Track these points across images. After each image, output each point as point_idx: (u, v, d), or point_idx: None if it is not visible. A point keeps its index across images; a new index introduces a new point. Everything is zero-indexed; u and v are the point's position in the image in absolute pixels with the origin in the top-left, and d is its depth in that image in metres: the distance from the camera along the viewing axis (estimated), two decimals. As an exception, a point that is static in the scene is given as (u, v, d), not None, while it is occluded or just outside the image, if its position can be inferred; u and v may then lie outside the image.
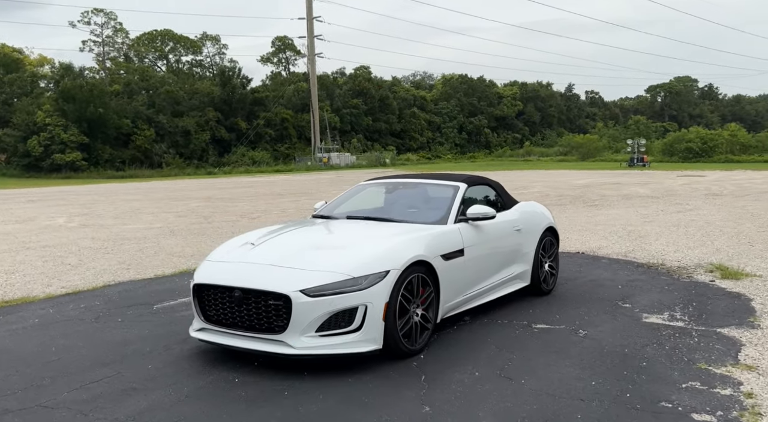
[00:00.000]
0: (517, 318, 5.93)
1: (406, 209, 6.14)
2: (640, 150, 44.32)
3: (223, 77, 63.69)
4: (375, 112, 68.43)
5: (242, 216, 16.77)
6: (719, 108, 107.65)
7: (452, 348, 5.08)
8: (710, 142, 50.87)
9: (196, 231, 13.43)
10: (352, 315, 4.52)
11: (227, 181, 37.62)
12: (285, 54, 73.17)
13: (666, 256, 9.34)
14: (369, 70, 71.53)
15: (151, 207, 20.30)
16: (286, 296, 4.47)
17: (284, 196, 24.19)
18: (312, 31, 54.79)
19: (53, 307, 6.76)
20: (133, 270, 8.94)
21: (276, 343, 4.54)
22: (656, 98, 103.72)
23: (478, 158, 64.75)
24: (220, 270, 4.95)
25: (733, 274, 7.68)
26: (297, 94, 64.84)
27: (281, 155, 60.28)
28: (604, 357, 4.76)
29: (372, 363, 4.69)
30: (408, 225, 5.60)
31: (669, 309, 6.18)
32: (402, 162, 55.46)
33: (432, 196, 6.25)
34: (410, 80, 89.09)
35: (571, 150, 57.60)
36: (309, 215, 16.70)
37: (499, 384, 4.25)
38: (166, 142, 58.70)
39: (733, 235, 11.37)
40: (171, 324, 6.01)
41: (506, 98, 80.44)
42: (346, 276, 4.55)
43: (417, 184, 6.58)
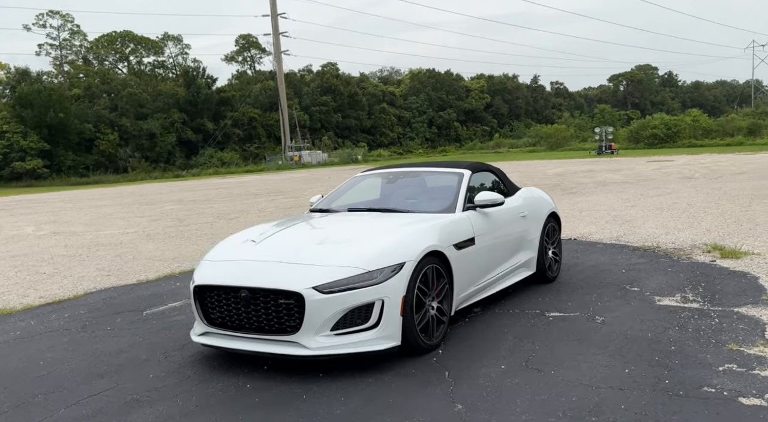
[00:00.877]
0: (528, 307, 5.74)
1: (411, 199, 5.89)
2: (607, 138, 44.80)
3: (187, 77, 62.54)
4: (344, 109, 67.95)
5: (219, 217, 16.33)
6: (679, 94, 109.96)
7: (469, 341, 4.85)
8: (674, 128, 51.75)
9: (174, 235, 12.97)
10: (368, 312, 4.25)
11: (197, 183, 36.86)
12: (250, 52, 72.11)
13: (659, 239, 9.27)
14: (336, 67, 71.03)
15: (123, 212, 19.66)
16: (298, 294, 4.18)
17: (259, 195, 23.71)
18: (277, 29, 54.06)
19: (34, 319, 6.33)
20: (114, 277, 8.51)
21: (289, 345, 4.24)
22: (619, 87, 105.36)
23: (449, 152, 64.80)
24: (224, 270, 4.62)
25: (733, 253, 7.62)
26: (264, 93, 64.02)
27: (251, 155, 59.47)
28: (628, 343, 4.59)
29: (389, 360, 4.44)
30: (415, 215, 5.35)
31: (679, 291, 6.05)
32: (374, 158, 55.12)
33: (436, 184, 6.01)
34: (378, 76, 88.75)
35: (539, 140, 58.01)
36: (288, 214, 16.29)
37: (529, 376, 4.04)
38: (131, 145, 57.42)
39: (718, 216, 11.39)
40: (165, 330, 5.66)
41: (474, 91, 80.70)
42: (360, 270, 4.28)
43: (419, 173, 6.33)
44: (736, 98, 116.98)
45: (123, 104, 57.87)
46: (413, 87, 77.59)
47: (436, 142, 74.65)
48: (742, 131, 53.17)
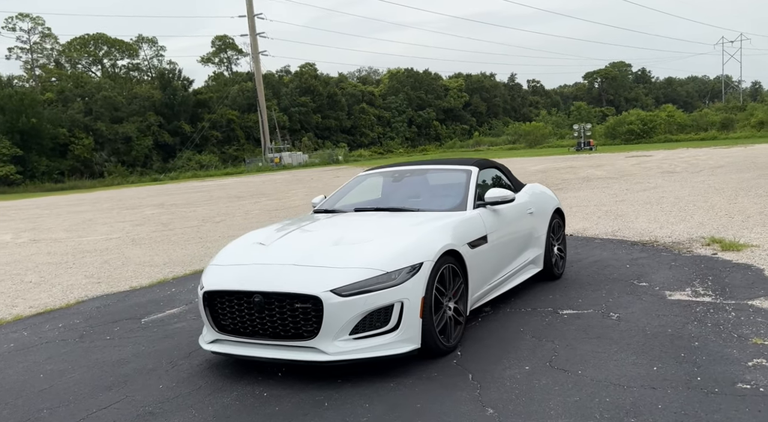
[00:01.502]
0: (540, 306, 5.65)
1: (419, 197, 5.76)
2: (586, 134, 45.23)
3: (163, 80, 61.70)
4: (324, 110, 67.62)
5: (204, 220, 16.04)
6: (653, 90, 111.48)
7: (486, 342, 4.74)
8: (650, 124, 52.42)
9: (160, 239, 12.69)
10: (387, 314, 4.11)
11: (176, 187, 36.33)
12: (226, 53, 71.44)
13: (654, 233, 9.27)
14: (315, 68, 70.68)
15: (103, 217, 19.25)
16: (316, 297, 4.02)
17: (243, 198, 23.40)
18: (254, 29, 53.55)
19: (26, 329, 6.08)
20: (104, 284, 8.25)
21: (307, 350, 4.08)
22: (593, 84, 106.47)
23: (430, 151, 64.87)
24: (235, 275, 4.44)
25: (733, 246, 7.62)
26: (242, 94, 63.42)
27: (230, 157, 58.86)
28: (650, 339, 4.51)
29: (407, 364, 4.31)
30: (426, 213, 5.22)
31: (688, 285, 6.02)
32: (355, 158, 54.86)
33: (443, 182, 5.89)
34: (356, 76, 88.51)
35: (518, 138, 58.34)
36: (274, 216, 15.99)
37: (556, 377, 3.93)
38: (107, 149, 56.48)
39: (708, 209, 11.45)
40: (167, 338, 5.46)
41: (452, 90, 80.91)
42: (378, 272, 4.13)
43: (425, 171, 6.20)
44: (707, 93, 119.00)
45: (98, 108, 56.87)
46: (392, 86, 77.56)
47: (416, 141, 74.72)
48: (716, 126, 54.11)
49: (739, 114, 61.66)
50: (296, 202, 19.36)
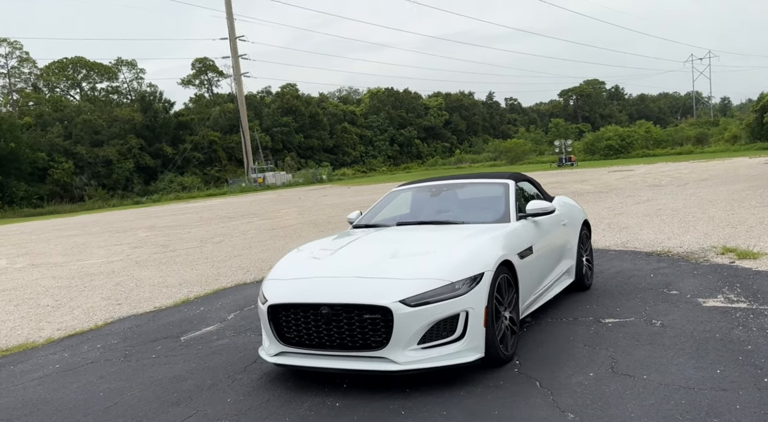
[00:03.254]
0: (580, 315, 5.76)
1: (460, 210, 5.87)
2: (567, 150, 46.03)
3: (143, 102, 61.40)
4: (306, 129, 67.79)
5: (203, 241, 15.95)
6: (626, 107, 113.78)
7: (540, 351, 4.83)
8: (628, 139, 53.55)
9: (165, 261, 12.60)
10: (453, 324, 4.19)
11: (161, 209, 36.00)
12: (207, 75, 71.37)
13: (664, 244, 9.49)
14: (296, 88, 70.95)
15: (96, 240, 19.03)
16: (386, 308, 4.09)
17: (233, 218, 23.30)
18: (236, 51, 53.72)
19: (65, 351, 6.03)
20: (126, 306, 8.19)
21: (377, 360, 4.14)
22: (569, 101, 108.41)
23: (413, 169, 65.36)
24: (299, 288, 4.49)
25: (748, 254, 7.84)
26: (224, 116, 63.35)
27: (212, 178, 58.59)
28: (702, 344, 4.64)
29: (468, 374, 4.38)
30: (473, 226, 5.33)
31: (718, 292, 6.18)
32: (338, 177, 55.01)
33: (482, 195, 6.01)
34: (337, 96, 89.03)
35: (500, 155, 59.12)
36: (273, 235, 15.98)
37: (624, 382, 4.04)
38: (87, 173, 55.84)
39: (708, 220, 11.73)
40: (215, 354, 5.46)
41: (432, 109, 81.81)
42: (444, 282, 4.22)
43: (463, 185, 6.33)
44: (679, 109, 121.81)
45: (77, 131, 56.33)
46: (373, 106, 78.16)
47: (399, 159, 75.21)
48: (691, 140, 55.46)
49: (712, 129, 63.31)
50: (290, 222, 19.34)
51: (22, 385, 5.05)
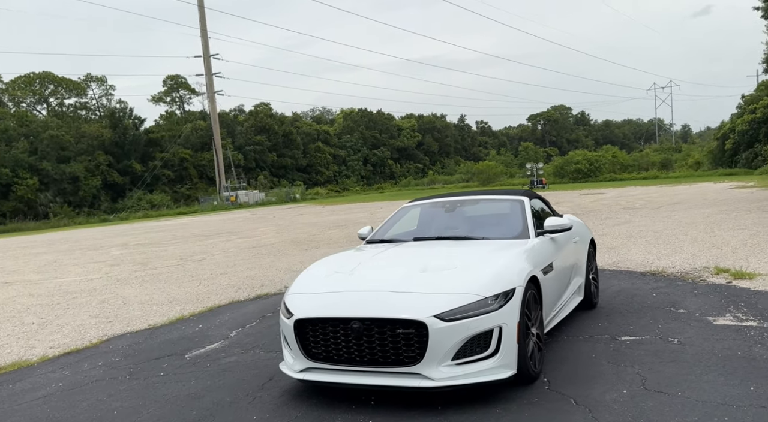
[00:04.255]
0: (594, 333, 5.76)
1: (478, 226, 5.84)
2: (538, 173, 46.75)
3: (113, 119, 60.41)
4: (279, 148, 67.49)
5: (183, 259, 15.61)
6: (592, 132, 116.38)
7: (565, 369, 4.79)
8: (596, 163, 54.67)
9: (148, 279, 12.27)
10: (487, 339, 4.13)
11: (130, 227, 35.21)
12: (178, 93, 70.68)
13: (656, 264, 9.60)
14: (270, 107, 70.70)
15: (68, 258, 18.49)
16: (420, 322, 4.01)
17: (210, 237, 22.90)
18: (210, 69, 53.38)
19: (64, 369, 5.77)
20: (118, 323, 7.91)
21: (410, 377, 4.04)
22: (537, 126, 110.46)
23: (386, 189, 65.54)
24: (327, 302, 4.38)
25: (743, 275, 7.97)
26: (195, 133, 62.69)
27: (182, 197, 57.69)
28: (726, 362, 4.67)
29: (499, 390, 4.31)
30: (494, 241, 5.31)
31: (725, 311, 6.25)
32: (312, 196, 54.72)
33: (497, 211, 6.00)
34: (310, 115, 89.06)
35: (472, 176, 59.71)
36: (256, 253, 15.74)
37: (660, 399, 4.02)
38: (52, 190, 54.45)
39: (692, 242, 11.94)
40: (226, 372, 5.29)
41: (405, 130, 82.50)
42: (477, 297, 4.16)
43: (477, 201, 6.31)
44: (642, 135, 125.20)
45: (43, 147, 54.98)
46: (347, 126, 78.42)
47: (372, 179, 75.39)
48: (656, 165, 56.91)
49: (675, 155, 65.14)
50: (270, 240, 19.08)
51: (27, 404, 4.80)
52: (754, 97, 52.05)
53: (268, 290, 9.51)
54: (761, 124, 48.44)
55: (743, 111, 51.56)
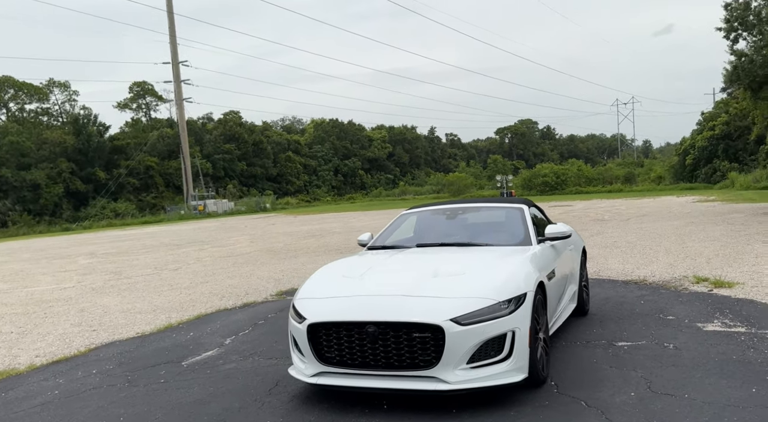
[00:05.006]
0: (591, 339, 5.87)
1: (480, 233, 5.92)
2: (508, 185, 47.46)
3: (76, 125, 59.06)
4: (249, 157, 66.90)
5: (157, 268, 15.34)
6: (557, 146, 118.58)
7: (570, 373, 4.88)
8: (562, 176, 55.82)
9: (125, 288, 12.02)
10: (501, 343, 4.19)
11: (95, 236, 34.43)
12: (145, 99, 69.53)
13: (636, 273, 9.83)
14: (239, 115, 70.09)
15: (35, 267, 17.99)
16: (437, 326, 4.04)
17: (181, 246, 22.54)
18: (179, 76, 52.76)
19: (57, 377, 5.63)
20: (103, 332, 7.74)
21: (426, 380, 4.07)
22: (504, 139, 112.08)
23: (357, 199, 65.54)
24: (341, 306, 4.38)
25: (724, 284, 8.21)
26: (162, 141, 61.72)
27: (148, 205, 56.61)
28: (724, 365, 4.81)
29: (509, 394, 4.36)
30: (498, 248, 5.38)
31: (712, 317, 6.44)
32: (282, 206, 54.32)
33: (499, 219, 6.09)
34: (280, 125, 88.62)
35: (442, 187, 60.28)
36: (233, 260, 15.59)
37: (668, 401, 4.12)
38: (11, 198, 52.85)
39: (666, 252, 12.26)
40: (229, 378, 5.23)
41: (376, 141, 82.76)
42: (492, 301, 4.22)
43: (478, 209, 6.39)
44: (605, 150, 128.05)
45: (2, 153, 53.35)
46: (317, 136, 78.26)
47: (343, 189, 75.28)
48: (620, 179, 58.28)
49: (637, 169, 66.85)
50: (246, 249, 18.89)
51: (24, 412, 4.67)
52: (713, 115, 53.89)
53: (254, 298, 9.42)
54: (720, 141, 50.16)
55: (703, 128, 53.29)
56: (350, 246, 17.58)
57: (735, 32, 21.94)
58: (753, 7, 21.42)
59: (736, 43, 21.94)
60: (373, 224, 27.35)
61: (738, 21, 21.72)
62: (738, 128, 49.19)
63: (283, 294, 9.70)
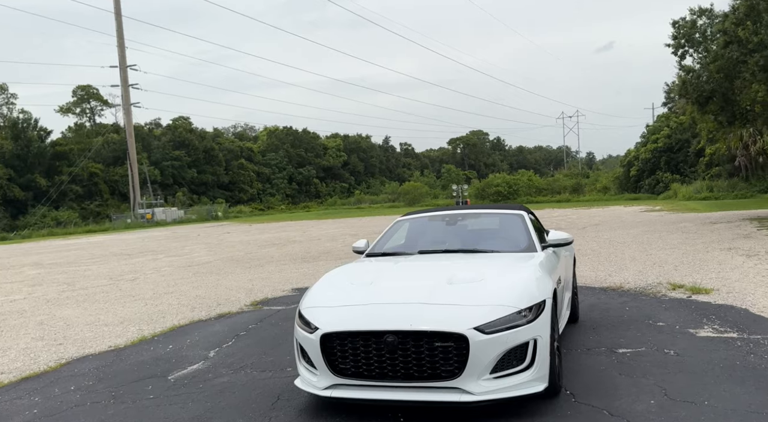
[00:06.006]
0: (590, 346, 5.82)
1: (482, 239, 5.80)
2: (463, 194, 47.96)
3: (15, 129, 56.40)
4: (200, 164, 65.31)
5: (114, 279, 14.67)
6: (507, 157, 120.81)
7: (581, 381, 4.79)
8: (514, 186, 56.93)
9: (83, 299, 11.40)
10: (523, 352, 4.06)
11: (37, 246, 32.86)
12: (89, 104, 67.11)
13: (610, 280, 9.92)
14: (190, 121, 68.45)
15: (-27, 278, 16.90)
16: (460, 335, 3.88)
17: (133, 256, 21.70)
18: (126, 80, 51.19)
19: (32, 395, 5.20)
20: (71, 346, 7.25)
21: (449, 391, 3.90)
22: (457, 149, 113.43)
23: (313, 208, 64.90)
24: (357, 315, 4.16)
25: (701, 290, 8.35)
26: (107, 147, 59.65)
27: (92, 214, 54.46)
28: (731, 371, 4.82)
29: (526, 404, 4.24)
30: (505, 254, 5.28)
31: (701, 323, 6.49)
32: (235, 214, 53.18)
33: (500, 225, 5.99)
34: (232, 131, 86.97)
35: (398, 197, 60.50)
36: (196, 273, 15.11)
37: (690, 409, 4.07)
38: (-58, 205, 50.00)
39: (633, 260, 12.48)
40: (224, 393, 4.93)
41: (331, 149, 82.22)
42: (513, 309, 4.09)
43: (477, 215, 6.28)
44: (552, 161, 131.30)
45: (-68, 158, 50.51)
46: (271, 143, 77.15)
47: (297, 198, 74.37)
48: (568, 189, 59.81)
49: (584, 180, 68.83)
50: (205, 259, 18.32)
51: (3, 435, 4.25)
52: (656, 128, 56.02)
53: (228, 309, 9.05)
54: (662, 153, 52.12)
55: (647, 140, 55.29)
56: (314, 255, 17.25)
57: (682, 49, 22.75)
58: (699, 25, 22.27)
59: (684, 59, 22.79)
60: (332, 232, 27.04)
61: (685, 38, 22.54)
62: (679, 141, 51.29)
63: (259, 304, 9.37)
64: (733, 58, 19.35)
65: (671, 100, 62.72)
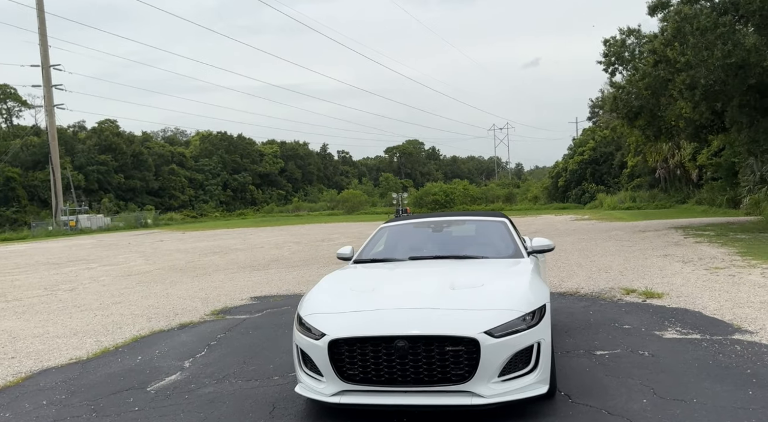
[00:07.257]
0: (569, 349, 5.99)
1: (470, 245, 5.87)
2: (403, 202, 48.40)
3: (-77, 129, 52.57)
4: (128, 169, 62.76)
5: (49, 289, 13.91)
6: (442, 167, 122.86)
7: (572, 382, 4.93)
8: (451, 195, 58.04)
9: (22, 311, 10.74)
10: (528, 355, 4.15)
11: (-47, 253, 30.62)
12: (6, 104, 63.41)
13: (564, 286, 10.24)
14: (117, 125, 65.72)
15: None
16: (471, 339, 3.93)
17: (62, 265, 20.62)
18: (49, 80, 48.71)
19: (1, 410, 4.81)
20: (27, 359, 6.83)
21: (460, 395, 3.93)
22: (393, 158, 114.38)
23: (248, 215, 63.61)
24: (366, 320, 4.13)
25: (654, 295, 8.75)
26: (26, 150, 56.50)
27: (8, 220, 51.34)
28: (708, 370, 5.07)
29: (527, 407, 4.33)
30: (495, 260, 5.37)
31: (664, 326, 6.80)
32: (165, 222, 51.39)
33: (486, 231, 6.09)
34: (161, 135, 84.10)
35: (337, 204, 60.35)
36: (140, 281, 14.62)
37: (683, 406, 4.27)
38: None
39: (579, 267, 12.92)
40: (214, 403, 4.79)
41: (267, 156, 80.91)
42: (519, 313, 4.18)
43: (463, 222, 6.35)
44: (483, 171, 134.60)
45: None
46: (204, 149, 75.15)
47: (232, 205, 72.65)
48: (501, 198, 61.57)
49: (515, 189, 71.04)
50: (144, 268, 17.64)
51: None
52: (582, 141, 58.53)
53: (188, 319, 8.75)
54: (588, 165, 54.49)
55: (574, 152, 57.66)
56: (262, 263, 16.92)
57: (612, 66, 23.88)
58: (628, 44, 23.46)
59: (614, 76, 23.94)
60: (274, 240, 26.62)
61: (615, 56, 23.68)
62: (604, 154, 53.82)
63: (220, 313, 9.11)
64: (661, 77, 20.46)
65: (596, 114, 66.01)
